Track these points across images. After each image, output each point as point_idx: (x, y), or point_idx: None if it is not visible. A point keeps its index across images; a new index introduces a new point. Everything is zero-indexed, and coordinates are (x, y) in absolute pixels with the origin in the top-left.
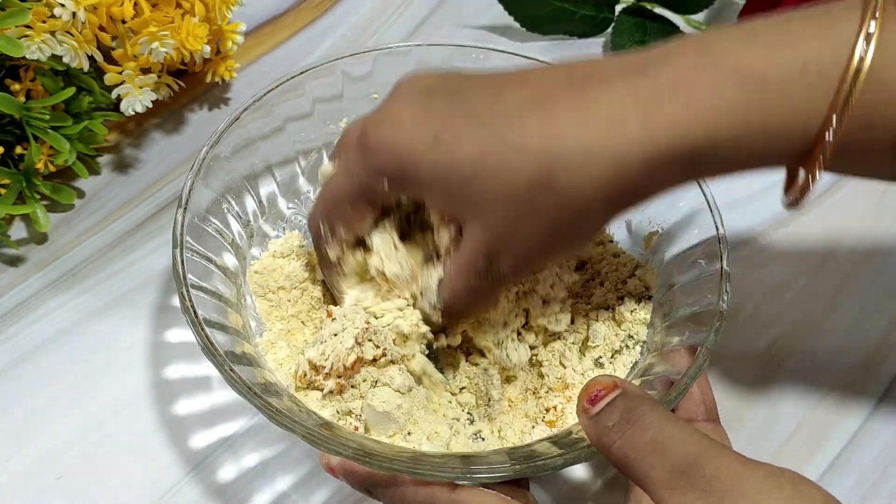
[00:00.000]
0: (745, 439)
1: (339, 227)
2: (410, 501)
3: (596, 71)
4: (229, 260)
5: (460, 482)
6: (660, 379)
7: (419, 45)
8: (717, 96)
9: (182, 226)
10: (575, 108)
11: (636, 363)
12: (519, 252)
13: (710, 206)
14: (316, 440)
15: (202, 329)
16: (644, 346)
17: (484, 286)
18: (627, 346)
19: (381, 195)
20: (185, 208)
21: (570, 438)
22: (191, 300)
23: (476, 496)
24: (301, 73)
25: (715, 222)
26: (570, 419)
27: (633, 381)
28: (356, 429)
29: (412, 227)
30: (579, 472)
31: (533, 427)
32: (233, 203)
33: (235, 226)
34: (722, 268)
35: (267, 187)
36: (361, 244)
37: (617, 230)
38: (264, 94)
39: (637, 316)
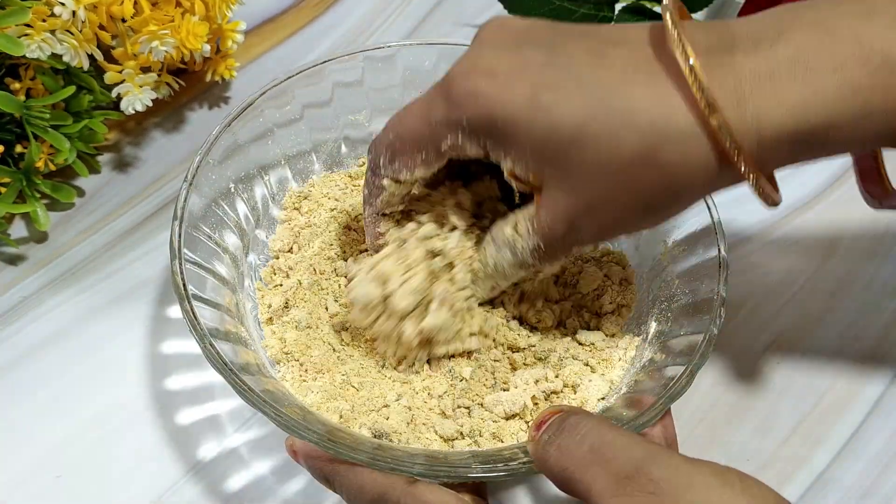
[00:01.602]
0: (744, 437)
1: (399, 166)
2: (367, 491)
3: (703, 41)
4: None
5: (421, 478)
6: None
7: (409, 44)
8: (838, 76)
9: (180, 238)
10: (685, 82)
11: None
12: (604, 223)
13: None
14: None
15: (206, 339)
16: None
17: (556, 251)
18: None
19: (454, 148)
20: (182, 220)
21: None
22: (194, 312)
23: (433, 492)
24: (288, 77)
25: (708, 206)
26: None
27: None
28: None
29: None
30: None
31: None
32: (227, 209)
33: (233, 229)
34: (720, 254)
35: (259, 191)
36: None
37: None
38: (256, 99)
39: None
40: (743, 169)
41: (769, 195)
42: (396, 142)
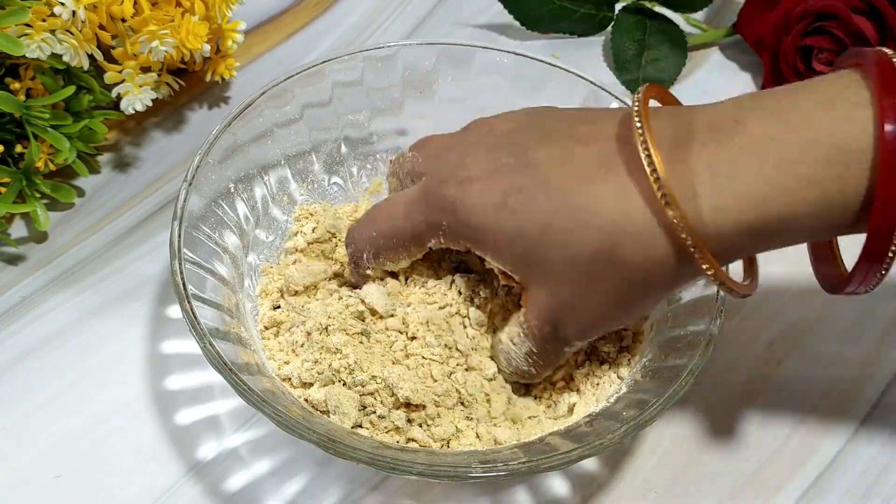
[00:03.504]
0: (742, 439)
1: (384, 260)
2: None
3: (668, 131)
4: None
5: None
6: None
7: (409, 44)
8: (795, 167)
9: (179, 238)
10: (645, 176)
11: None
12: (583, 320)
13: None
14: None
15: (206, 339)
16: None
17: (547, 354)
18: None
19: (439, 245)
20: (181, 220)
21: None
22: (193, 312)
23: None
24: (288, 77)
25: None
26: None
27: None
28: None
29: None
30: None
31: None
32: (227, 209)
33: (233, 229)
34: None
35: (259, 191)
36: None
37: None
38: (256, 99)
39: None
40: (701, 263)
41: (733, 288)
42: (380, 239)
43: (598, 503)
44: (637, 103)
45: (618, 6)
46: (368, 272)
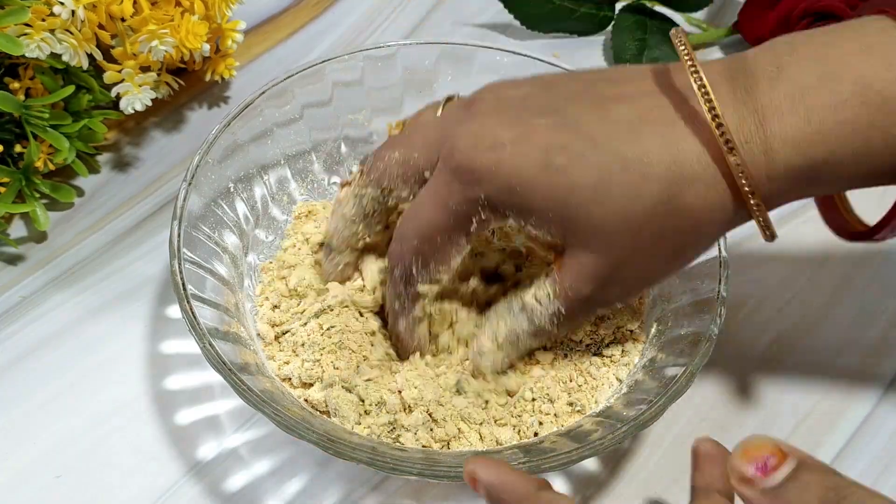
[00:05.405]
0: (744, 437)
1: (435, 265)
2: None
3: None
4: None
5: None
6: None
7: (409, 43)
8: (838, 114)
9: (179, 237)
10: (696, 128)
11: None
12: (633, 277)
13: None
14: (287, 426)
15: (206, 339)
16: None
17: (576, 315)
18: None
19: (482, 225)
20: (181, 219)
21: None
22: (193, 312)
23: None
24: (287, 77)
25: None
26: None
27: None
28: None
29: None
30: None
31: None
32: (227, 209)
33: (233, 229)
34: (720, 254)
35: (259, 191)
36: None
37: None
38: (255, 98)
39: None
40: (755, 208)
41: (773, 231)
42: (423, 245)
43: (598, 503)
44: (687, 54)
45: (618, 6)
46: (422, 289)
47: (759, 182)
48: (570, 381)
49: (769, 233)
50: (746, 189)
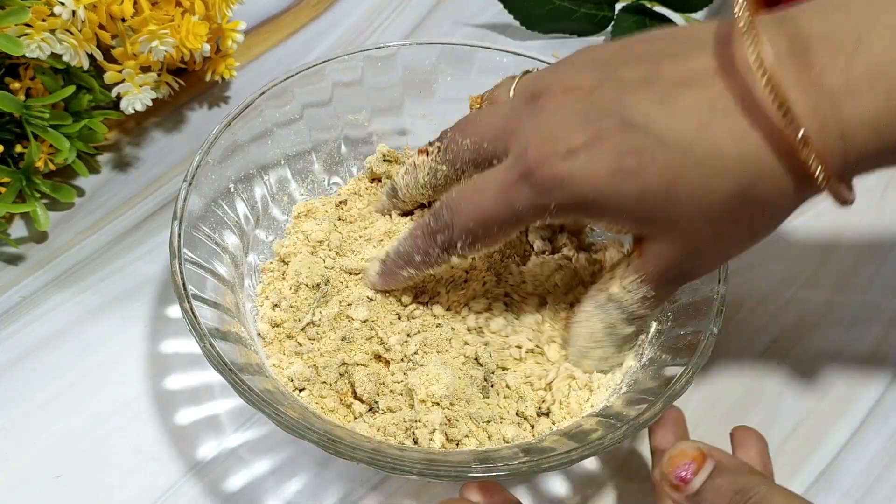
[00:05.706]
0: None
1: (479, 247)
2: None
3: (774, 47)
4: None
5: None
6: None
7: (409, 44)
8: None
9: (179, 238)
10: (766, 117)
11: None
12: (714, 258)
13: None
14: (287, 426)
15: (206, 339)
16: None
17: (666, 295)
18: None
19: (538, 223)
20: (181, 220)
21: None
22: (193, 312)
23: None
24: (287, 77)
25: None
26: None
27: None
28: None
29: None
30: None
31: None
32: (227, 209)
33: (233, 229)
34: None
35: (259, 191)
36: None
37: None
38: (256, 99)
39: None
40: (829, 190)
41: (846, 198)
42: (479, 229)
43: (598, 503)
44: (750, 39)
45: (618, 6)
46: (454, 259)
47: (834, 167)
48: (574, 378)
49: (842, 201)
50: (821, 177)
